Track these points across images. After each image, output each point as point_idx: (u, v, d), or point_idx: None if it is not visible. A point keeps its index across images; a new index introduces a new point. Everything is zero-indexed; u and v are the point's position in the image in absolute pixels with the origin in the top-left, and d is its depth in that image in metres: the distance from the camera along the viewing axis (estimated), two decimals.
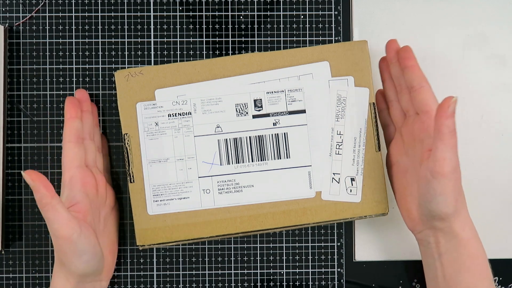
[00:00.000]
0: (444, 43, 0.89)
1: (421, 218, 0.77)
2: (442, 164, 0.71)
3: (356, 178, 0.82)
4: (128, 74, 0.81)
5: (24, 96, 0.87)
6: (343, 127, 0.82)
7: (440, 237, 0.77)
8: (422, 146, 0.76)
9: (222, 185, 0.81)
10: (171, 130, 0.81)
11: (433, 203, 0.73)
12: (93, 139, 0.83)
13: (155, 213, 0.81)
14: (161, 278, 0.88)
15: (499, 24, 0.89)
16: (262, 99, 0.81)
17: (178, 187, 0.81)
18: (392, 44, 0.82)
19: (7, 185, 0.87)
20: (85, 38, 0.88)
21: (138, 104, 0.81)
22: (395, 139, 0.83)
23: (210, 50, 0.88)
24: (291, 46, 0.88)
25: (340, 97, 0.82)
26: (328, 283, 0.89)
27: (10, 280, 0.87)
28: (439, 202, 0.73)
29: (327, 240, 0.89)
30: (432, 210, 0.74)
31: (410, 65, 0.78)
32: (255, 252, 0.88)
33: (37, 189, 0.69)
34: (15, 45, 0.87)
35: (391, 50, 0.82)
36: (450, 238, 0.76)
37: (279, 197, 0.82)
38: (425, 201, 0.74)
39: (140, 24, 0.88)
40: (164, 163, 0.81)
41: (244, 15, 0.88)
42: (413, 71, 0.78)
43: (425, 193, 0.74)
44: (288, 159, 0.82)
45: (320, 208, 0.82)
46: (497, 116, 0.89)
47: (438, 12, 0.89)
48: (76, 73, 0.87)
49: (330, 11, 0.89)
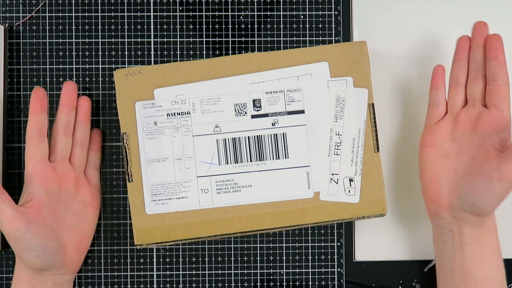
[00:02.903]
0: (444, 43, 0.89)
1: (452, 206, 0.77)
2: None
3: (355, 179, 0.82)
4: (127, 73, 0.81)
5: (24, 96, 0.87)
6: (342, 128, 0.82)
7: (465, 227, 0.76)
8: (484, 140, 0.76)
9: (221, 185, 0.81)
10: (169, 129, 0.81)
11: (482, 200, 0.73)
12: (70, 135, 0.82)
13: (153, 213, 0.81)
14: (161, 278, 0.88)
15: (499, 24, 0.89)
16: (261, 99, 0.81)
17: (177, 186, 0.81)
18: (482, 27, 0.80)
19: (7, 185, 0.87)
20: (85, 38, 0.88)
21: (137, 104, 0.81)
22: (444, 121, 0.80)
23: (210, 50, 0.88)
24: (291, 46, 0.88)
25: (339, 97, 0.82)
26: (328, 283, 0.89)
27: (10, 280, 0.87)
28: (491, 202, 0.73)
29: (327, 240, 0.89)
30: (476, 205, 0.74)
31: (499, 57, 0.77)
32: (255, 252, 0.88)
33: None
34: (15, 45, 0.87)
35: (480, 33, 0.79)
36: (476, 229, 0.76)
37: (277, 197, 0.82)
38: (473, 195, 0.74)
39: (140, 24, 0.88)
40: (163, 163, 0.81)
41: (244, 15, 0.88)
42: (500, 64, 0.76)
43: (478, 188, 0.74)
44: (287, 159, 0.81)
45: (318, 208, 0.82)
46: None
47: (438, 12, 0.89)
48: (76, 73, 0.88)
49: (330, 11, 0.89)
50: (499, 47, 0.77)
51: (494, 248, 0.77)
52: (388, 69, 0.88)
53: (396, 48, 0.89)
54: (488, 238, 0.76)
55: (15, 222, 0.73)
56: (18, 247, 0.75)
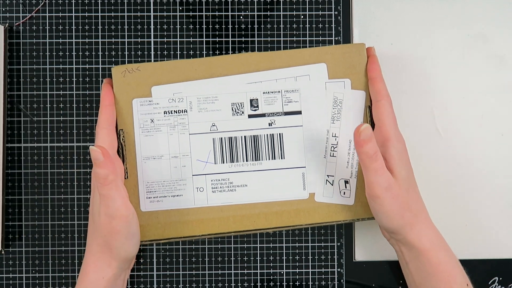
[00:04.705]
0: (444, 43, 0.89)
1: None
2: (371, 187, 0.74)
3: (350, 181, 0.82)
4: (125, 70, 0.81)
5: (24, 96, 0.87)
6: (339, 130, 0.82)
7: (401, 247, 0.79)
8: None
9: (216, 183, 0.81)
10: (166, 127, 0.81)
11: (377, 219, 0.77)
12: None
13: (147, 210, 0.81)
14: (161, 278, 0.88)
15: (499, 24, 0.89)
16: (258, 99, 0.81)
17: (172, 184, 0.81)
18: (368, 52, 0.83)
19: (7, 185, 0.87)
20: (85, 38, 0.88)
21: (134, 100, 0.81)
22: None
23: (210, 50, 0.88)
24: (291, 46, 0.88)
25: (337, 99, 0.82)
26: (328, 283, 0.89)
27: (10, 280, 0.87)
28: (382, 219, 0.76)
29: (327, 240, 0.89)
30: (380, 225, 0.78)
31: (372, 77, 0.81)
32: (255, 252, 0.88)
33: (104, 165, 0.70)
34: (15, 45, 0.87)
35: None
36: (409, 248, 0.78)
37: (272, 197, 0.81)
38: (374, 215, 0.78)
39: (140, 24, 0.88)
40: (159, 160, 0.81)
41: (244, 15, 0.89)
42: (373, 83, 0.80)
43: (371, 209, 0.77)
44: (283, 160, 0.81)
45: (313, 209, 0.82)
46: (497, 116, 0.89)
47: (438, 12, 0.89)
48: (76, 73, 0.88)
49: (330, 11, 0.89)
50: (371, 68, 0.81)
51: (436, 264, 0.77)
52: (388, 69, 0.88)
53: (396, 48, 0.89)
54: (423, 256, 0.77)
55: (128, 204, 0.73)
56: (124, 232, 0.74)
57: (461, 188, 0.88)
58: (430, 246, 0.77)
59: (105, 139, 0.78)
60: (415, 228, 0.77)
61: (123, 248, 0.75)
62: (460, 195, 0.88)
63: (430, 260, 0.77)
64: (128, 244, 0.75)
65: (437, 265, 0.77)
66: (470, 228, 0.78)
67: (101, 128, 0.78)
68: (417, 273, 0.78)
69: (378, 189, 0.73)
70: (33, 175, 0.87)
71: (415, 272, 0.78)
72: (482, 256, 0.82)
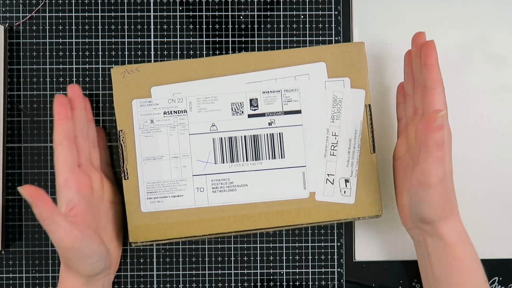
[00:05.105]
0: (444, 43, 0.89)
1: (411, 217, 0.78)
2: (428, 176, 0.72)
3: (350, 180, 0.82)
4: (125, 70, 0.81)
5: (24, 96, 0.87)
6: (339, 128, 0.82)
7: (427, 238, 0.78)
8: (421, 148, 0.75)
9: (216, 184, 0.81)
10: (166, 127, 0.82)
11: (418, 208, 0.75)
12: (86, 136, 0.81)
13: (148, 211, 0.82)
14: (161, 278, 0.88)
15: (499, 24, 0.89)
16: (258, 99, 0.81)
17: (172, 185, 0.82)
18: (418, 37, 0.80)
19: (7, 185, 0.87)
20: (85, 38, 0.88)
21: (134, 101, 0.81)
22: (403, 134, 0.82)
23: (210, 50, 0.88)
24: (291, 46, 0.88)
25: (336, 98, 0.82)
26: (328, 283, 0.89)
27: (10, 280, 0.87)
28: (423, 209, 0.74)
29: (327, 240, 0.88)
30: (417, 214, 0.76)
31: (427, 63, 0.77)
32: (255, 252, 0.88)
33: (35, 204, 0.68)
34: (15, 45, 0.87)
35: (417, 44, 0.80)
36: (437, 240, 0.77)
37: (273, 197, 0.82)
38: (412, 203, 0.76)
39: (140, 24, 0.88)
40: (159, 161, 0.82)
41: (244, 15, 0.89)
42: (429, 70, 0.77)
43: (413, 196, 0.75)
44: (283, 159, 0.82)
45: (314, 209, 0.82)
46: (497, 116, 0.89)
47: (438, 12, 0.89)
48: (76, 73, 0.88)
49: (330, 11, 0.89)
50: (429, 54, 0.77)
51: (461, 258, 0.77)
52: (388, 69, 0.88)
53: (396, 48, 0.89)
54: (450, 250, 0.76)
55: (71, 233, 0.71)
56: (74, 258, 0.73)
57: (461, 188, 0.88)
58: (458, 240, 0.77)
59: (61, 154, 0.77)
60: (450, 221, 0.76)
61: (80, 268, 0.75)
62: (460, 195, 0.87)
63: (455, 254, 0.76)
64: (84, 265, 0.75)
65: (462, 259, 0.76)
66: (470, 228, 0.78)
67: (57, 144, 0.77)
68: (439, 266, 0.77)
69: (434, 178, 0.72)
70: (33, 175, 0.87)
71: (437, 264, 0.77)
72: (482, 256, 0.82)
